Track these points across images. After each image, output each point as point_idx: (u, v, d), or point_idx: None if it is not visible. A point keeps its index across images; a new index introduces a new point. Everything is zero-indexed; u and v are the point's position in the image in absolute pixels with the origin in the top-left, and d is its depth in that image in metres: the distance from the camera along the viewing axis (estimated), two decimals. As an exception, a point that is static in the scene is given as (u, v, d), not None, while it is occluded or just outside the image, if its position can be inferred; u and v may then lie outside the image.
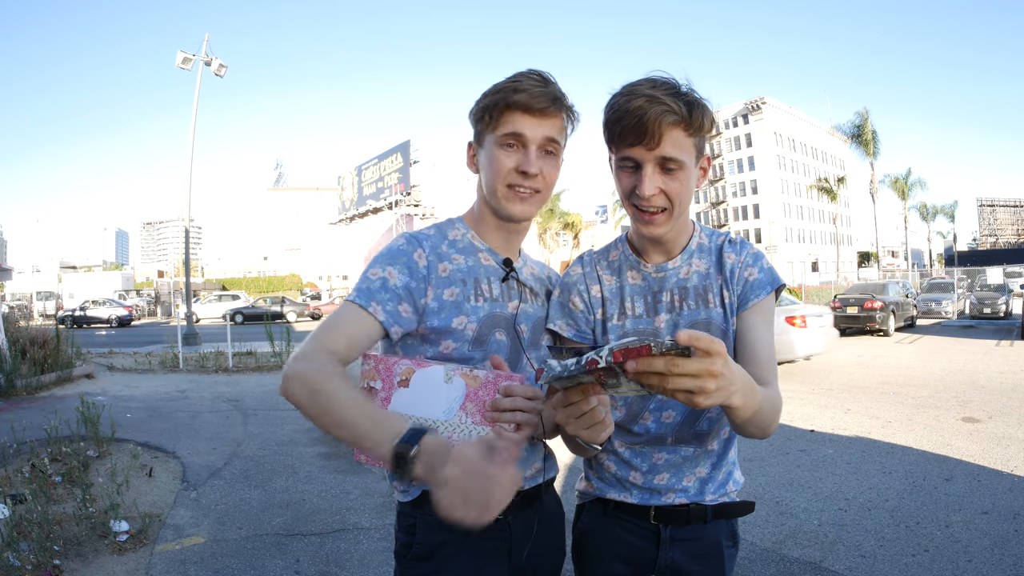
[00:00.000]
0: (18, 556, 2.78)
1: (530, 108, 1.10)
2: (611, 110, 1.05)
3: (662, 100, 0.99)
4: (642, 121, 0.99)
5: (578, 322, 1.20)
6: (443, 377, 1.04)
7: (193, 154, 16.71)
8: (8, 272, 23.14)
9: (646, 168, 1.03)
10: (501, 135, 1.12)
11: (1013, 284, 25.57)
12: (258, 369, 10.08)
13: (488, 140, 1.14)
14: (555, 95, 1.12)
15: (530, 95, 1.09)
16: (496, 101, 1.11)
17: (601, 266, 1.23)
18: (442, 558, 1.12)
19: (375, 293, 1.05)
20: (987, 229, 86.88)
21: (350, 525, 3.52)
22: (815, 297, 24.20)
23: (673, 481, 1.18)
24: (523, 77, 1.12)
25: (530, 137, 1.11)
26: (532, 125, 1.11)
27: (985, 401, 6.63)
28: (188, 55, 16.32)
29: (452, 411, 1.03)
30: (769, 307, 1.17)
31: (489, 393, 1.02)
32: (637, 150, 1.03)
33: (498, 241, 1.21)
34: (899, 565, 2.92)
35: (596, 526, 1.25)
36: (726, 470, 1.22)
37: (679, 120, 1.00)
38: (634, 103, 1.00)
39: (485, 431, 1.01)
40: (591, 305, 1.20)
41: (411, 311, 1.08)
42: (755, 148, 63.75)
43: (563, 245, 48.08)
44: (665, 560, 1.18)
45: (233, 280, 63.37)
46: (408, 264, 1.09)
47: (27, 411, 6.40)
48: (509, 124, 1.11)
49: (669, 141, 1.01)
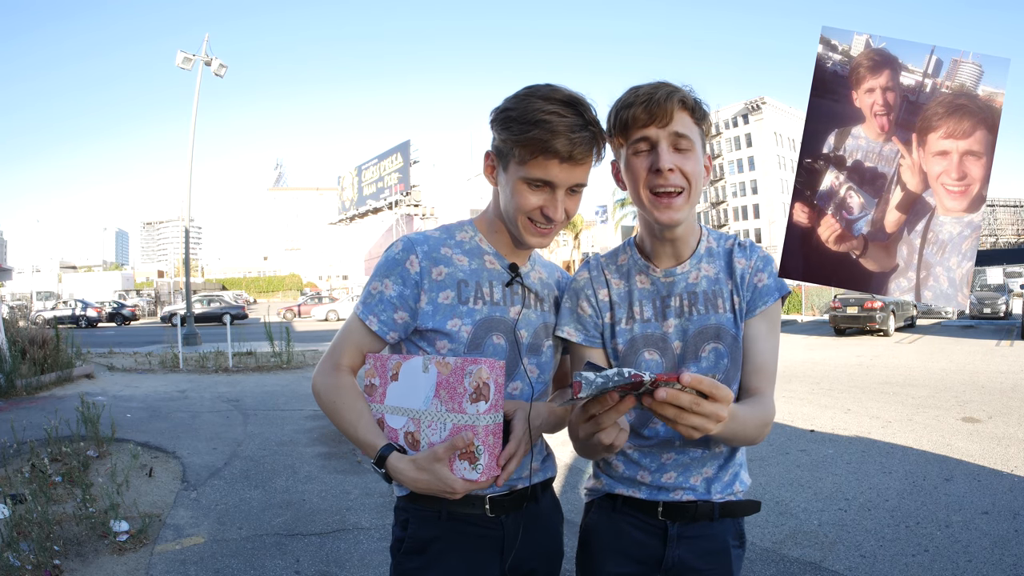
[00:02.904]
0: (18, 556, 2.78)
1: (570, 159, 1.05)
2: (620, 102, 1.09)
3: (669, 85, 1.08)
4: (653, 99, 1.05)
5: (587, 327, 1.21)
6: (421, 367, 1.08)
7: (193, 154, 16.72)
8: (8, 272, 23.16)
9: (661, 144, 1.06)
10: (530, 176, 1.08)
11: (1013, 284, 25.54)
12: (258, 369, 10.07)
13: (514, 170, 1.10)
14: (593, 138, 1.07)
15: (571, 144, 1.03)
16: (531, 139, 1.04)
17: (609, 270, 1.23)
18: (434, 553, 1.14)
19: (372, 306, 1.15)
20: (987, 229, 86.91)
21: (350, 525, 3.52)
22: (815, 297, 24.20)
23: (680, 480, 1.19)
24: (564, 111, 1.04)
25: (559, 184, 1.08)
26: (565, 173, 1.07)
27: (985, 401, 6.63)
28: (188, 55, 16.32)
29: (429, 399, 1.07)
30: (776, 313, 1.18)
31: (458, 379, 1.03)
32: (650, 129, 1.06)
33: (507, 247, 1.22)
34: (899, 565, 2.92)
35: (604, 522, 1.25)
36: (733, 471, 1.23)
37: (685, 104, 1.07)
38: (643, 90, 1.07)
39: (455, 417, 1.03)
40: (599, 309, 1.21)
41: (407, 316, 1.15)
42: (755, 148, 63.74)
43: (563, 245, 48.09)
44: (672, 558, 1.18)
45: (233, 280, 63.43)
46: (401, 273, 1.15)
47: (27, 411, 6.40)
48: (541, 169, 1.06)
49: (679, 120, 1.06)
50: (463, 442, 1.00)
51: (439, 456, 1.01)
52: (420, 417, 1.07)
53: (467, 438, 1.00)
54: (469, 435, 1.00)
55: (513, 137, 1.07)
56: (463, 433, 1.01)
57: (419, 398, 1.08)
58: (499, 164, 1.14)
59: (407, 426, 1.09)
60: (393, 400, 1.11)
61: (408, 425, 1.09)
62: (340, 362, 1.17)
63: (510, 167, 1.11)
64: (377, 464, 1.07)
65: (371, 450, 1.08)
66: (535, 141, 1.04)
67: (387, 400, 1.12)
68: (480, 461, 1.01)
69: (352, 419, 1.12)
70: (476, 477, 1.01)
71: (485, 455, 1.01)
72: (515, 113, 1.07)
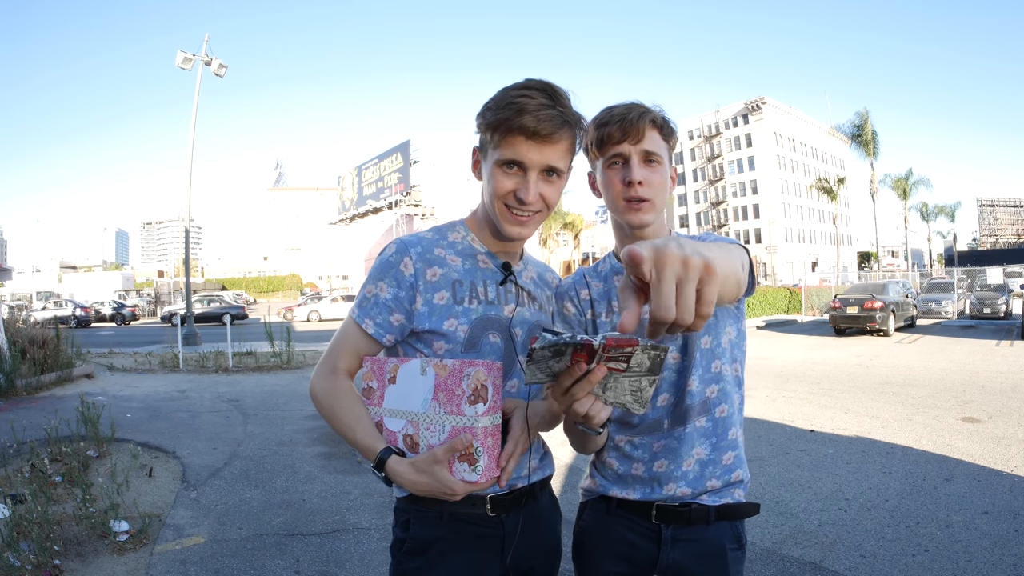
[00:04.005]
0: (18, 556, 2.78)
1: (536, 134, 1.07)
2: (596, 121, 1.20)
3: (641, 106, 1.20)
4: (626, 119, 1.16)
5: (572, 325, 1.29)
6: (419, 369, 1.08)
7: (193, 154, 16.71)
8: (8, 272, 23.17)
9: (633, 159, 1.17)
10: (502, 158, 1.10)
11: (1013, 284, 25.56)
12: (258, 369, 10.07)
13: (491, 156, 1.13)
14: (563, 118, 1.08)
15: (536, 119, 1.05)
16: (501, 120, 1.08)
17: (591, 276, 1.33)
18: (435, 553, 1.14)
19: (368, 309, 1.17)
20: (987, 229, 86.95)
21: (350, 525, 3.52)
22: (815, 297, 24.19)
23: (672, 467, 1.19)
24: (533, 92, 1.07)
25: (530, 164, 1.09)
26: (535, 151, 1.08)
27: (985, 401, 6.63)
28: (188, 55, 16.30)
29: (427, 401, 1.07)
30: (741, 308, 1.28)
31: (456, 381, 1.03)
32: (623, 146, 1.17)
33: (498, 246, 1.23)
34: (899, 565, 2.92)
35: (598, 524, 1.26)
36: (732, 454, 1.22)
37: (655, 123, 1.19)
38: (617, 110, 1.18)
39: (454, 420, 1.03)
40: (581, 308, 1.29)
41: (403, 319, 1.16)
42: (755, 148, 63.71)
43: (563, 245, 48.12)
44: (667, 560, 1.18)
45: (233, 280, 63.40)
46: (395, 276, 1.15)
47: (27, 411, 6.40)
48: (511, 149, 1.09)
49: (649, 138, 1.18)
50: (462, 444, 1.01)
51: (438, 458, 1.02)
52: (419, 419, 1.07)
53: (466, 440, 1.01)
54: (468, 437, 1.01)
55: (486, 122, 1.11)
56: (462, 435, 1.01)
57: (417, 401, 1.08)
58: (481, 156, 1.17)
59: (406, 428, 1.09)
60: (391, 403, 1.12)
61: (407, 428, 1.09)
62: (337, 366, 1.18)
63: (488, 156, 1.14)
64: (376, 467, 1.08)
65: (370, 453, 1.10)
66: (504, 121, 1.07)
67: (385, 403, 1.12)
68: (479, 463, 1.01)
69: (350, 423, 1.13)
70: (476, 479, 1.01)
71: (484, 457, 1.01)
72: (491, 103, 1.11)
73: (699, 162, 69.32)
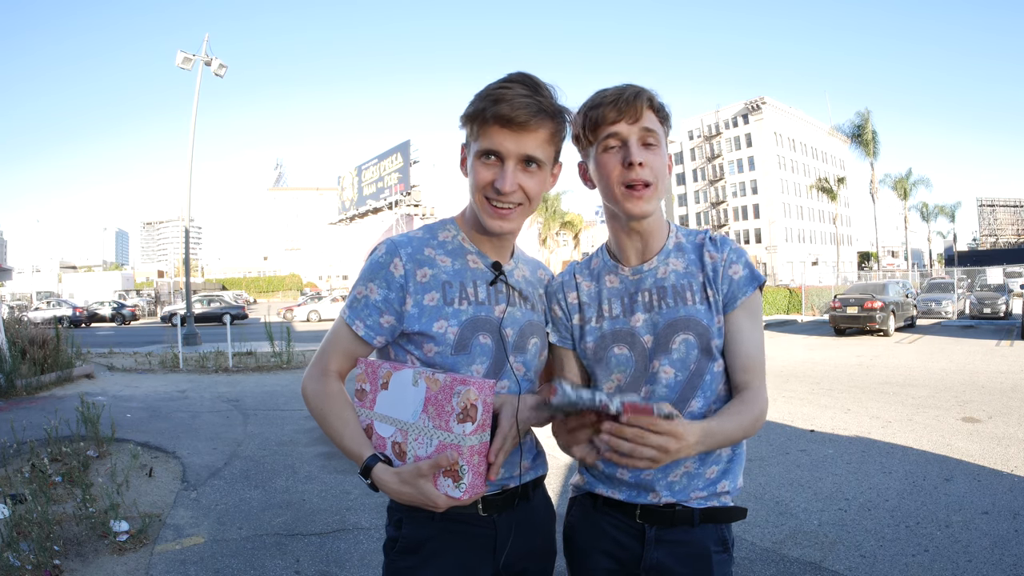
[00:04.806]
0: (18, 556, 2.78)
1: (511, 122, 1.06)
2: (587, 104, 1.15)
3: (635, 85, 1.13)
4: (623, 98, 1.11)
5: (559, 328, 1.27)
6: (411, 380, 1.09)
7: (193, 154, 16.72)
8: (8, 272, 23.15)
9: (631, 140, 1.11)
10: (480, 148, 1.10)
11: (1013, 284, 25.57)
12: (258, 369, 10.07)
13: (472, 149, 1.13)
14: (540, 106, 1.07)
15: (512, 107, 1.05)
16: (479, 111, 1.08)
17: (582, 274, 1.29)
18: (427, 552, 1.14)
19: (358, 311, 1.16)
20: (987, 229, 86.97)
21: (350, 525, 3.52)
22: (815, 297, 24.19)
23: (659, 476, 1.17)
24: (511, 83, 1.08)
25: (507, 153, 1.09)
26: (511, 140, 1.08)
27: (985, 401, 6.63)
28: (188, 55, 16.31)
29: (417, 413, 1.07)
30: (756, 304, 1.20)
31: (446, 397, 1.03)
32: (620, 125, 1.11)
33: (488, 244, 1.21)
34: (899, 565, 2.92)
35: (584, 520, 1.26)
36: (719, 468, 1.19)
37: (652, 103, 1.13)
38: (610, 91, 1.13)
39: (442, 435, 1.03)
40: (568, 312, 1.26)
41: (393, 320, 1.15)
42: (755, 148, 63.69)
43: (563, 245, 48.14)
44: (650, 560, 1.17)
45: (233, 280, 63.37)
46: (385, 277, 1.14)
47: (27, 411, 6.40)
48: (487, 139, 1.09)
49: (646, 117, 1.12)
50: (447, 461, 1.01)
51: (423, 472, 1.02)
52: (408, 429, 1.07)
53: (451, 457, 1.00)
54: (454, 455, 1.00)
55: (466, 115, 1.12)
56: (448, 452, 1.01)
57: (408, 410, 1.08)
58: (467, 153, 1.17)
59: (395, 436, 1.09)
60: (383, 408, 1.12)
61: (396, 435, 1.09)
62: (328, 367, 1.18)
63: (470, 149, 1.14)
64: (363, 474, 1.09)
65: (357, 459, 1.10)
66: (481, 112, 1.08)
67: (376, 407, 1.12)
68: (463, 480, 1.01)
69: (338, 427, 1.13)
70: (459, 495, 1.01)
71: (469, 474, 1.01)
72: (474, 97, 1.12)
73: (699, 162, 69.30)
